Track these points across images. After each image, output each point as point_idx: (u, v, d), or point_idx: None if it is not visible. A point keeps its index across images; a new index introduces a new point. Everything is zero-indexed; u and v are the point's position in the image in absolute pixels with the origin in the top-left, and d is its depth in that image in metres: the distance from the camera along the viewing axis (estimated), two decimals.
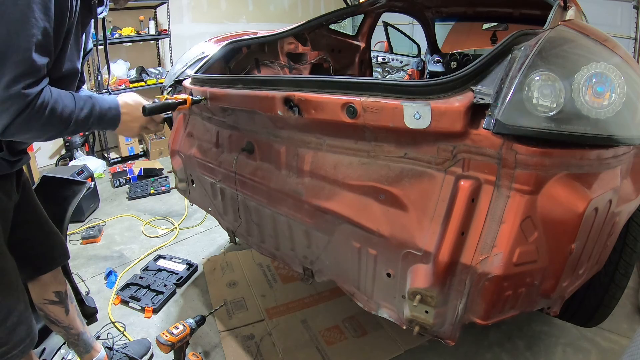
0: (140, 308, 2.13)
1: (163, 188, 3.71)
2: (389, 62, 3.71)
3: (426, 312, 1.07)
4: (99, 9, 1.18)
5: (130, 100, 1.24)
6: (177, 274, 2.39)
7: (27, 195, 1.34)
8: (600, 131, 0.90)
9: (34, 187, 1.42)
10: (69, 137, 4.27)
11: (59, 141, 4.46)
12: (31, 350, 1.25)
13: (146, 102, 1.26)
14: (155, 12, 4.90)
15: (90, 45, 1.33)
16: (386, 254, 1.13)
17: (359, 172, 1.16)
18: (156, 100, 1.30)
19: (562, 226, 0.96)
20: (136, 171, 4.01)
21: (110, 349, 1.76)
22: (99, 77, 4.29)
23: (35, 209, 1.39)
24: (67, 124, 1.06)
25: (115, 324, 2.02)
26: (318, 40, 2.59)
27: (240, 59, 2.17)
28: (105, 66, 1.97)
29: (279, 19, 6.10)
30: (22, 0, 0.90)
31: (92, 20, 1.19)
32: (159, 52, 5.15)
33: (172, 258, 2.56)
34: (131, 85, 4.52)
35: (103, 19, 1.29)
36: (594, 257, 1.14)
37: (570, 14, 1.36)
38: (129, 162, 4.53)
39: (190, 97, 1.44)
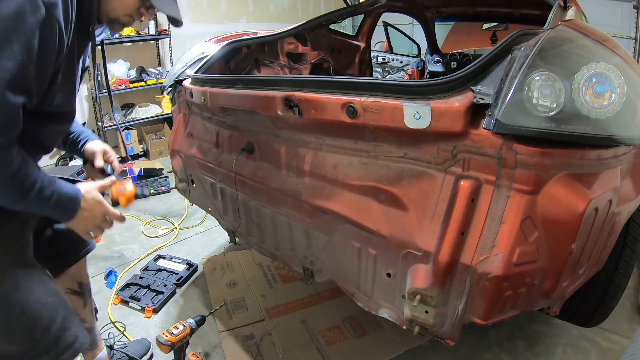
0: (140, 308, 2.13)
1: (163, 188, 3.71)
2: (389, 62, 3.71)
3: (426, 312, 1.07)
4: (98, 30, 1.12)
5: (90, 197, 1.13)
6: (177, 274, 2.39)
7: None
8: (600, 131, 0.90)
9: None
10: None
11: None
12: None
13: (104, 201, 1.17)
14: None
15: (88, 62, 1.27)
16: (386, 254, 1.12)
17: (359, 172, 1.16)
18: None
19: (562, 226, 0.96)
20: (136, 171, 4.00)
21: (111, 348, 1.76)
22: (98, 77, 4.28)
23: None
24: (25, 194, 0.96)
25: (115, 324, 2.02)
26: (318, 40, 2.59)
27: (240, 59, 2.17)
28: (105, 68, 1.97)
29: (279, 19, 6.10)
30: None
31: (90, 43, 1.13)
32: (159, 52, 5.14)
33: (172, 258, 2.56)
34: (131, 85, 4.52)
35: (102, 41, 1.23)
36: (594, 257, 1.14)
37: (570, 14, 1.36)
38: (129, 162, 4.53)
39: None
